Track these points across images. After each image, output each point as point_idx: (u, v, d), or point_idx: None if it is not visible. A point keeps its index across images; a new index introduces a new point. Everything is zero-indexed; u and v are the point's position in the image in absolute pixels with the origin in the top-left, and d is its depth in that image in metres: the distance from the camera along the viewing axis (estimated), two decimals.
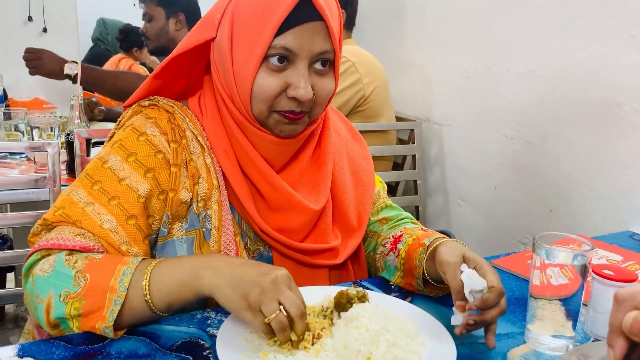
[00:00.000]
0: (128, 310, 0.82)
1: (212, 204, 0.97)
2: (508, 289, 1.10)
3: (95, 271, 0.83)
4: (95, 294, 0.82)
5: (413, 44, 2.61)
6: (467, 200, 2.34)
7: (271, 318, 0.77)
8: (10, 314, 2.68)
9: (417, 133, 2.47)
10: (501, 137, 2.10)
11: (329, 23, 0.90)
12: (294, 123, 0.96)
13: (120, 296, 0.81)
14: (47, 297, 0.83)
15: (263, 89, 0.91)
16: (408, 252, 1.03)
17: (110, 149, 0.96)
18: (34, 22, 2.89)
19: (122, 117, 1.03)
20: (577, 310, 0.88)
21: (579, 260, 0.86)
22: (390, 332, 0.79)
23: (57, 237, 0.88)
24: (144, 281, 0.83)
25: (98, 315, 0.81)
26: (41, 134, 1.92)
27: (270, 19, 0.88)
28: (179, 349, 0.82)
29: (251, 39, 0.90)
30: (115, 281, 0.82)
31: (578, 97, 1.79)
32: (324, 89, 0.95)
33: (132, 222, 0.92)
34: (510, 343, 0.90)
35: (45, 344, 0.82)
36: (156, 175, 0.95)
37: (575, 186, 1.82)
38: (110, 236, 0.89)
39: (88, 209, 0.90)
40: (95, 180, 0.93)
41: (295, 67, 0.91)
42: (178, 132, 0.98)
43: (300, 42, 0.90)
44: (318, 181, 1.06)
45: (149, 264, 0.85)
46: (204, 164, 0.98)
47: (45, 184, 1.45)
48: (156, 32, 2.62)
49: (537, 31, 1.92)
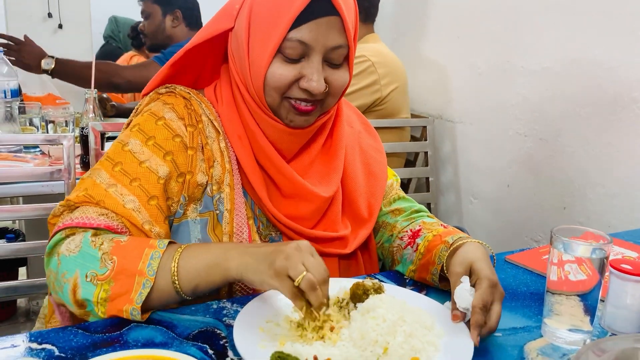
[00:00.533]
0: (155, 293, 0.84)
1: (224, 187, 0.99)
2: (523, 284, 1.09)
3: (122, 254, 0.84)
4: (123, 277, 0.83)
5: (426, 41, 2.60)
6: (480, 197, 2.33)
7: (299, 279, 0.77)
8: (22, 307, 2.70)
9: (430, 130, 2.46)
10: (514, 134, 2.10)
11: (345, 18, 0.91)
12: (305, 114, 0.98)
13: (149, 280, 0.83)
14: (74, 277, 0.84)
15: (277, 77, 0.93)
16: (428, 248, 1.03)
17: (129, 132, 0.99)
18: (52, 19, 2.91)
19: (140, 105, 1.06)
20: (595, 306, 0.87)
21: (597, 253, 0.85)
22: (407, 323, 0.79)
23: (82, 217, 0.90)
24: (172, 263, 0.85)
25: (126, 299, 0.83)
26: (56, 129, 1.93)
27: (286, 12, 0.90)
28: (196, 338, 0.82)
29: (267, 31, 0.92)
30: (143, 265, 0.84)
31: (593, 94, 1.77)
32: (337, 81, 0.97)
33: (154, 203, 0.94)
34: (527, 337, 0.89)
35: (64, 331, 0.82)
36: (174, 158, 0.97)
37: (590, 183, 1.80)
38: (133, 215, 0.91)
39: (111, 190, 0.92)
40: (116, 162, 0.95)
41: (310, 60, 0.93)
42: (194, 116, 1.01)
43: (315, 36, 0.91)
44: (328, 171, 1.07)
45: (177, 248, 0.87)
46: (219, 148, 1.01)
47: (61, 176, 1.46)
48: (153, 29, 2.64)
49: (551, 28, 1.91)
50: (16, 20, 2.87)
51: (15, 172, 1.51)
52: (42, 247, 1.49)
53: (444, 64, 2.48)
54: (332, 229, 1.07)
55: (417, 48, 2.65)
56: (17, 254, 1.51)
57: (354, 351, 0.76)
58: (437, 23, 2.51)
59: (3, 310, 2.54)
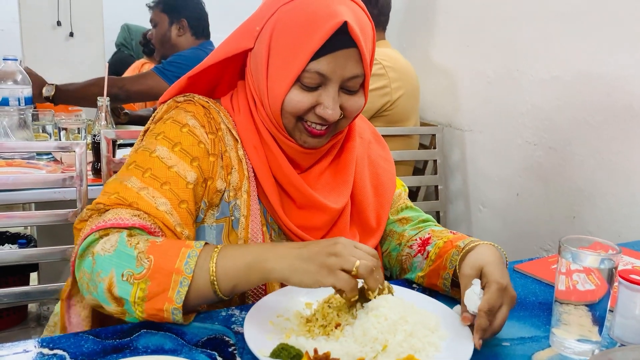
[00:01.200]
0: (194, 292, 0.84)
1: (242, 194, 1.02)
2: (531, 293, 1.09)
3: (158, 253, 0.84)
4: (160, 275, 0.83)
5: (435, 50, 2.61)
6: (489, 206, 2.32)
7: (357, 265, 0.80)
8: (33, 313, 2.72)
9: (439, 138, 2.46)
10: (523, 143, 2.09)
11: (362, 50, 0.94)
12: (318, 137, 1.01)
13: (186, 278, 0.82)
14: (109, 276, 0.84)
15: (294, 103, 0.96)
16: (439, 254, 1.04)
17: (154, 140, 0.99)
18: (62, 27, 2.95)
19: (157, 112, 1.06)
20: (604, 316, 0.87)
21: (606, 264, 0.85)
22: (409, 323, 0.81)
23: (115, 217, 0.89)
24: (210, 263, 0.85)
25: (164, 297, 0.82)
26: (68, 136, 1.96)
27: (307, 44, 0.92)
28: (205, 345, 0.83)
29: (287, 60, 0.95)
30: (180, 263, 0.83)
31: (603, 103, 1.77)
32: (352, 107, 1.00)
33: (184, 207, 0.95)
34: (534, 346, 0.89)
35: (75, 337, 0.83)
36: (200, 164, 0.99)
37: (600, 193, 1.80)
38: (166, 217, 0.92)
39: (143, 193, 0.93)
40: (145, 168, 0.96)
41: (326, 89, 0.96)
42: (214, 124, 1.03)
43: (333, 68, 0.94)
44: (338, 184, 1.09)
45: (214, 247, 0.87)
46: (237, 156, 1.03)
47: (73, 183, 1.48)
48: (159, 38, 2.67)
49: (561, 37, 1.91)
50: (29, 28, 2.90)
51: (28, 179, 1.53)
52: (53, 252, 1.51)
53: (453, 72, 2.49)
54: None
55: (426, 56, 2.66)
56: (29, 259, 1.53)
57: (354, 347, 0.79)
58: (446, 31, 2.52)
59: (14, 315, 2.55)
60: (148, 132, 1.04)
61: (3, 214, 1.45)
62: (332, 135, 1.04)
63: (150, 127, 1.05)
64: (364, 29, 0.95)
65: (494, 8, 2.21)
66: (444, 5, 2.52)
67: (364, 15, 0.98)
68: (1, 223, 1.46)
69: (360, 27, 0.94)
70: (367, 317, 0.82)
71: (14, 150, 1.71)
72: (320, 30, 0.91)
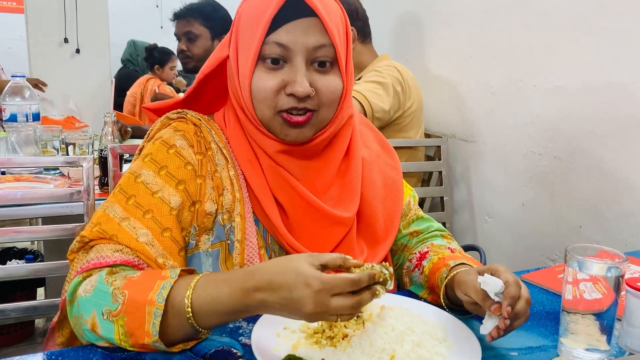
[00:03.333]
0: (171, 324, 0.80)
1: (235, 216, 0.98)
2: (539, 303, 1.09)
3: (133, 287, 0.82)
4: (134, 309, 0.80)
5: (439, 61, 2.62)
6: (495, 216, 2.32)
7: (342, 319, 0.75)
8: (40, 328, 2.73)
9: (444, 149, 2.46)
10: (528, 153, 2.09)
11: (323, 18, 0.91)
12: (298, 126, 0.95)
13: (159, 307, 0.78)
14: (91, 317, 0.82)
15: (260, 87, 0.93)
16: (432, 270, 1.03)
17: (141, 163, 0.97)
18: (68, 44, 2.98)
19: (151, 130, 1.05)
20: (612, 325, 0.87)
21: (612, 272, 0.85)
22: (416, 333, 0.82)
23: (97, 257, 0.88)
24: (187, 292, 0.80)
25: (142, 332, 0.79)
26: (75, 151, 1.97)
27: (262, 19, 0.91)
28: (212, 357, 0.83)
29: (248, 43, 0.94)
30: (153, 294, 0.79)
31: (607, 112, 1.77)
32: (327, 87, 0.95)
33: (167, 235, 0.92)
34: (542, 356, 0.89)
35: (83, 350, 0.84)
36: (187, 187, 0.96)
37: (605, 202, 1.79)
38: (146, 249, 0.89)
39: (124, 224, 0.90)
40: (129, 195, 0.94)
41: (292, 64, 0.93)
42: (204, 144, 1.00)
43: (293, 37, 0.92)
44: (343, 198, 1.05)
45: (189, 282, 0.81)
46: (228, 176, 1.00)
47: (80, 197, 1.49)
48: (201, 52, 2.61)
49: (564, 47, 1.92)
50: (36, 45, 2.94)
51: (36, 194, 1.54)
52: (60, 267, 1.52)
53: (456, 83, 2.50)
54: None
55: (429, 68, 2.67)
56: (36, 274, 1.54)
57: (362, 357, 0.79)
58: (449, 43, 2.53)
59: (21, 331, 2.56)
60: (138, 150, 1.04)
61: (11, 228, 1.46)
62: (318, 130, 0.98)
63: (144, 145, 1.04)
64: (323, 1, 0.93)
65: (496, 19, 2.23)
66: (445, 17, 2.54)
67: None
68: (9, 238, 1.48)
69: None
70: (374, 328, 0.82)
71: (22, 165, 1.72)
72: (272, 2, 0.91)
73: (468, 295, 0.89)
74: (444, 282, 0.97)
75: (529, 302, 0.84)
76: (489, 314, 0.84)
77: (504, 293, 0.83)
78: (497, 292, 0.83)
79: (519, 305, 0.83)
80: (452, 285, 0.94)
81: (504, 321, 0.81)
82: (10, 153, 1.92)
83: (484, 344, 0.86)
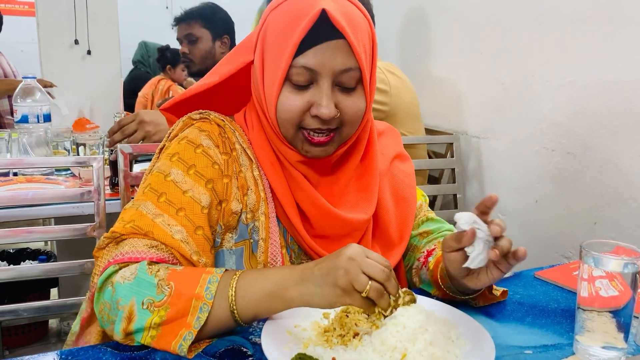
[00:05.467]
0: (213, 319, 0.82)
1: (259, 216, 0.99)
2: (554, 301, 1.07)
3: (179, 279, 0.83)
4: (180, 301, 0.81)
5: (449, 58, 2.60)
6: (508, 214, 2.30)
7: (367, 290, 0.77)
8: (54, 329, 2.74)
9: (456, 146, 2.44)
10: (541, 149, 2.07)
11: (351, 40, 0.90)
12: (321, 145, 0.96)
13: (207, 304, 0.81)
14: (130, 304, 0.82)
15: (286, 107, 0.93)
16: (435, 264, 1.03)
17: (169, 162, 0.97)
18: (79, 46, 2.99)
19: (172, 129, 1.05)
20: (629, 322, 0.85)
21: (629, 268, 0.83)
22: (429, 331, 0.80)
23: (132, 251, 0.88)
24: (230, 291, 0.82)
25: (182, 322, 0.80)
26: (85, 151, 1.98)
27: (290, 40, 0.90)
28: (222, 356, 0.83)
29: (275, 60, 0.93)
30: (201, 289, 0.81)
31: (620, 106, 1.75)
32: (350, 107, 0.95)
33: (200, 233, 0.93)
34: (558, 354, 0.87)
35: (93, 349, 0.84)
36: (214, 186, 0.97)
37: (620, 198, 1.77)
38: (182, 247, 0.89)
39: (158, 220, 0.90)
40: (160, 192, 0.94)
41: (318, 86, 0.93)
42: (228, 144, 1.01)
43: (321, 60, 0.91)
44: (360, 201, 1.06)
45: (233, 274, 0.85)
46: (252, 177, 1.00)
47: (91, 197, 1.49)
48: (202, 54, 2.63)
49: (576, 42, 1.89)
50: (47, 48, 2.96)
51: (47, 194, 1.54)
52: (72, 267, 1.52)
53: (468, 80, 2.48)
54: None
55: (440, 65, 2.65)
56: (48, 274, 1.55)
57: (373, 356, 0.78)
58: (460, 39, 2.51)
59: (35, 331, 2.58)
60: (163, 151, 1.02)
61: (23, 229, 1.47)
62: (339, 145, 1.00)
63: (165, 144, 1.04)
64: (351, 20, 0.92)
65: (507, 14, 2.20)
66: (455, 14, 2.52)
67: (354, 7, 0.94)
68: (22, 238, 1.48)
69: (345, 17, 0.91)
70: (385, 326, 0.81)
71: (32, 165, 1.73)
72: (301, 23, 0.89)
73: (449, 247, 0.90)
74: (444, 270, 0.97)
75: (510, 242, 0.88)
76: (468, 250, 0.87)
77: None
78: (468, 222, 0.87)
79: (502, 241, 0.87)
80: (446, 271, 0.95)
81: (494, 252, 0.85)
82: (22, 154, 1.93)
83: (498, 342, 0.85)
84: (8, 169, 1.85)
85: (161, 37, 4.56)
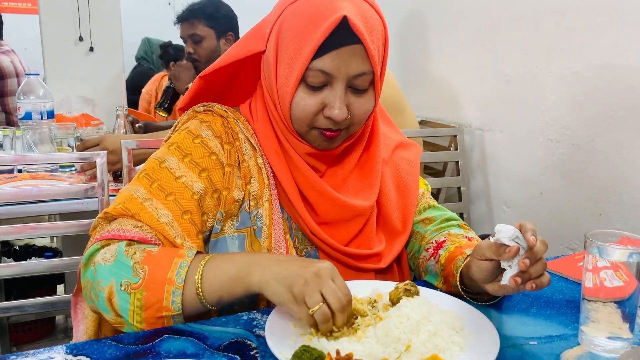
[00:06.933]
0: (185, 302, 0.86)
1: (263, 202, 1.01)
2: (558, 291, 1.07)
3: (152, 263, 0.87)
4: (154, 285, 0.86)
5: (453, 50, 2.59)
6: (512, 206, 2.29)
7: (314, 310, 0.78)
8: (60, 325, 2.76)
9: (460, 139, 2.44)
10: (545, 140, 2.06)
11: (368, 46, 0.92)
12: (331, 139, 1.00)
13: (178, 287, 0.85)
14: (109, 286, 0.88)
15: (301, 107, 0.95)
16: (448, 259, 1.02)
17: (167, 150, 1.02)
18: (82, 42, 2.99)
19: (178, 122, 1.09)
20: (634, 312, 0.85)
21: (634, 258, 0.83)
22: (432, 323, 0.80)
23: (118, 229, 0.93)
24: (196, 275, 0.87)
25: (159, 307, 0.86)
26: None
27: (309, 42, 0.91)
28: (227, 349, 0.83)
29: (292, 59, 0.94)
30: (172, 273, 0.86)
31: (625, 96, 1.74)
32: (360, 109, 0.98)
33: (187, 217, 0.96)
34: (563, 345, 0.87)
35: (98, 343, 0.84)
36: (210, 175, 0.99)
37: (626, 188, 1.76)
38: (166, 229, 0.93)
39: (146, 204, 0.95)
40: (154, 179, 0.98)
41: (332, 88, 0.95)
42: (231, 134, 1.03)
43: (337, 65, 0.92)
44: (363, 186, 1.08)
45: (202, 259, 0.89)
46: (256, 165, 1.02)
47: (95, 193, 1.49)
48: (208, 53, 2.61)
49: (579, 31, 1.88)
50: (50, 45, 2.96)
51: (51, 190, 1.55)
52: (77, 263, 1.52)
53: (471, 72, 2.47)
54: (366, 246, 1.07)
55: (444, 57, 2.64)
56: (53, 270, 1.55)
57: (377, 347, 0.78)
58: (463, 32, 2.50)
59: (42, 327, 2.60)
60: (164, 141, 1.07)
61: (27, 225, 1.47)
62: (344, 139, 1.03)
63: (170, 135, 1.07)
64: (369, 24, 0.93)
65: (509, 6, 2.19)
66: (458, 6, 2.50)
67: (371, 10, 0.95)
68: (27, 234, 1.49)
69: (364, 22, 0.92)
70: (389, 318, 0.81)
71: (36, 162, 1.74)
72: (320, 27, 0.90)
73: (483, 256, 0.87)
74: (459, 269, 0.96)
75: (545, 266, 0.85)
76: (505, 265, 0.84)
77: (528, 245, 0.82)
78: (511, 237, 0.83)
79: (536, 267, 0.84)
80: (468, 272, 0.93)
81: (523, 261, 0.81)
82: (26, 151, 1.93)
83: (502, 333, 0.85)
84: (12, 165, 1.86)
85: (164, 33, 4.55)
